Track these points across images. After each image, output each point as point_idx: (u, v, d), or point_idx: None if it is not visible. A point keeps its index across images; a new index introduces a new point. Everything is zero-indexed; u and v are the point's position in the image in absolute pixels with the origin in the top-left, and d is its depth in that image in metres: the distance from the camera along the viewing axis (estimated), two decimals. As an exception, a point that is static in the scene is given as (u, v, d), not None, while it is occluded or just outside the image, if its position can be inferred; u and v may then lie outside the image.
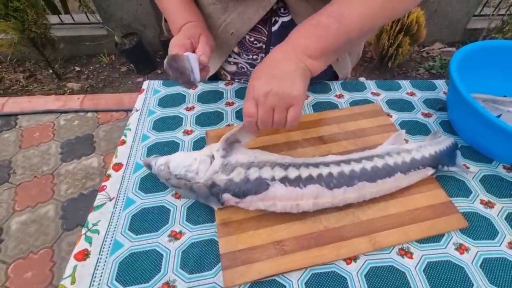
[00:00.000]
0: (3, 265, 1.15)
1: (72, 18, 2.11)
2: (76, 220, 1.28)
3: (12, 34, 1.73)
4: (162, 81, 0.64)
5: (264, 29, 0.53)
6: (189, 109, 0.59)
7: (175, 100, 0.61)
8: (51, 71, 2.07)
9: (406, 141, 0.52)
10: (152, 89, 0.63)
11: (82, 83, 2.06)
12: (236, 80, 0.65)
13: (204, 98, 0.61)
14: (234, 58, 0.60)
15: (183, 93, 0.62)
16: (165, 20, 1.96)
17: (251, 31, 0.53)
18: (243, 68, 0.61)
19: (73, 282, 0.36)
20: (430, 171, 0.44)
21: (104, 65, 2.19)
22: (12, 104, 1.77)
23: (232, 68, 0.62)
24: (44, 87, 2.04)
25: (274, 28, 0.52)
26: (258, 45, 0.55)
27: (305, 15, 0.49)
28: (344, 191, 0.39)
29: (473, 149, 0.52)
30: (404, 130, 0.50)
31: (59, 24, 2.08)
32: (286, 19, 0.51)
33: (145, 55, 2.09)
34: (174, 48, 0.43)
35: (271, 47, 0.55)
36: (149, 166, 0.45)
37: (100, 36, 2.13)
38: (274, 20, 0.52)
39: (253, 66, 0.60)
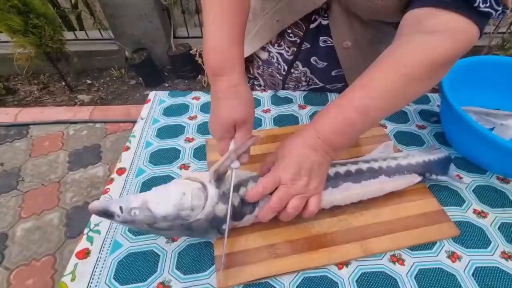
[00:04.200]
0: (6, 272, 1.16)
1: (86, 34, 2.23)
2: (79, 228, 1.30)
3: (30, 49, 1.83)
4: (168, 92, 0.68)
5: (303, 25, 0.56)
6: (191, 118, 0.62)
7: (179, 110, 0.64)
8: (63, 83, 2.16)
9: (400, 151, 0.53)
10: (158, 99, 0.66)
11: (92, 95, 2.14)
12: (265, 68, 0.69)
13: (207, 108, 0.64)
14: (270, 46, 0.64)
15: (187, 103, 0.65)
16: (174, 37, 2.01)
17: (291, 24, 0.56)
18: (273, 58, 0.65)
19: (73, 279, 0.38)
20: (416, 178, 0.45)
21: (114, 78, 2.28)
22: (25, 115, 1.84)
23: (264, 55, 0.66)
24: (56, 98, 2.13)
25: (312, 26, 0.56)
26: (293, 38, 0.59)
27: (342, 26, 0.53)
28: (330, 193, 0.40)
29: (466, 160, 0.53)
30: (392, 141, 0.51)
31: (73, 40, 2.19)
32: (324, 22, 0.54)
33: (153, 70, 2.17)
34: (220, 148, 0.41)
35: (304, 43, 0.59)
36: (107, 214, 0.33)
37: (111, 51, 2.23)
38: (314, 18, 0.55)
39: (283, 57, 0.64)
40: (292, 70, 0.65)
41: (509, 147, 0.41)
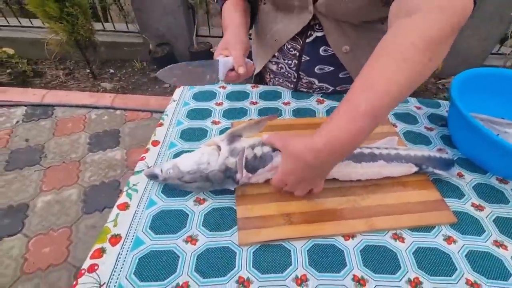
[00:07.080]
0: (25, 238, 1.24)
1: (114, 26, 2.34)
2: (95, 205, 1.37)
3: (62, 35, 1.94)
4: (196, 80, 0.75)
5: (300, 39, 0.64)
6: (218, 104, 0.68)
7: (207, 96, 0.70)
8: (88, 71, 2.27)
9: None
10: (188, 85, 0.73)
11: (114, 84, 2.24)
12: (276, 78, 0.77)
13: (232, 96, 0.70)
14: (276, 59, 0.72)
15: (215, 91, 0.72)
16: (196, 35, 2.14)
17: (290, 40, 0.65)
18: (282, 68, 0.73)
19: (115, 225, 0.44)
20: (413, 168, 0.50)
21: (136, 70, 2.38)
22: (51, 96, 1.95)
23: (274, 67, 0.75)
24: (80, 84, 2.23)
25: (309, 40, 0.63)
26: (293, 52, 0.66)
27: (336, 34, 0.60)
28: None
29: (469, 161, 0.57)
30: (397, 137, 0.55)
31: (101, 31, 2.30)
32: (319, 34, 0.61)
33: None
34: (217, 53, 0.55)
35: (303, 56, 0.66)
36: (154, 176, 0.47)
37: (136, 44, 2.33)
38: (309, 33, 0.62)
39: (289, 67, 0.71)
40: (302, 76, 0.71)
41: None
